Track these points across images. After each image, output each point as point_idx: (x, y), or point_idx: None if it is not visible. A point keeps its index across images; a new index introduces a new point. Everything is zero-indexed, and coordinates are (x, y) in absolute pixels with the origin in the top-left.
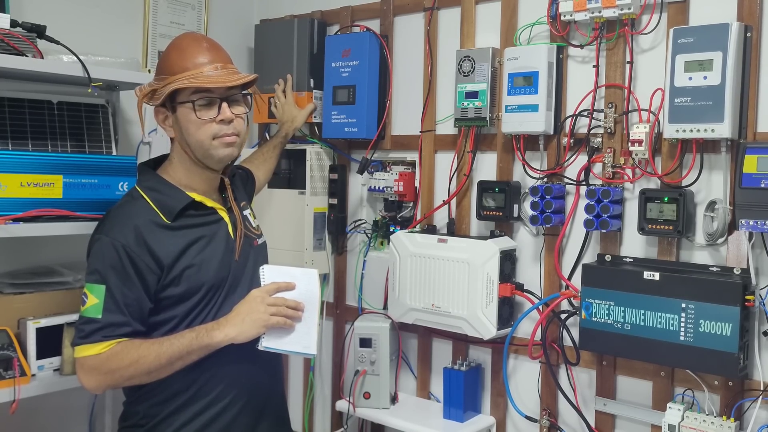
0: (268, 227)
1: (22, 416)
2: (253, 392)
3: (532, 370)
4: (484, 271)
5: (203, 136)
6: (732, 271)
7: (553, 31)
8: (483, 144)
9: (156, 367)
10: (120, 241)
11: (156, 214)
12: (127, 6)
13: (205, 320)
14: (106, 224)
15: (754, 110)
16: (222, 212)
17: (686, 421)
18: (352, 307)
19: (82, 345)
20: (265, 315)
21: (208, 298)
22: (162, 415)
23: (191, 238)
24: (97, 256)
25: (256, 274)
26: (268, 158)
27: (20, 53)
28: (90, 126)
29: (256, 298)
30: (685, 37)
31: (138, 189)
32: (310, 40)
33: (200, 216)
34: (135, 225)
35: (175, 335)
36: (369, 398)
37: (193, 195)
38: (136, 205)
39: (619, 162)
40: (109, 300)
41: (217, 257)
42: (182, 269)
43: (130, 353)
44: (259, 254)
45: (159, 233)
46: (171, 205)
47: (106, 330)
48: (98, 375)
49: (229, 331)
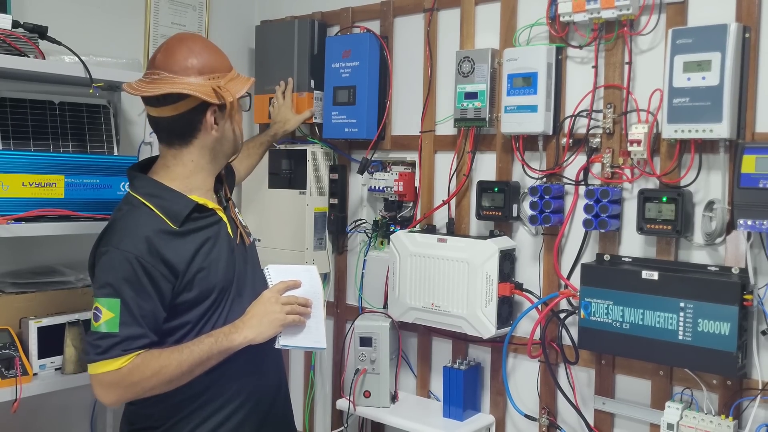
0: (268, 227)
1: (23, 415)
2: (261, 394)
3: (531, 369)
4: (483, 271)
5: (241, 130)
6: (730, 271)
7: (552, 32)
8: (482, 144)
9: (178, 375)
10: (132, 252)
11: (162, 221)
12: (129, 7)
13: (216, 323)
14: (113, 237)
15: (752, 110)
16: (220, 212)
17: (685, 420)
18: (352, 307)
19: (100, 361)
20: (281, 315)
21: (219, 300)
22: (175, 418)
23: (199, 241)
24: (108, 270)
25: (255, 272)
26: (252, 153)
27: (22, 54)
28: (91, 126)
29: (270, 299)
30: (683, 38)
31: (135, 195)
32: (310, 41)
33: (203, 218)
34: (146, 235)
35: (193, 342)
36: (369, 397)
37: (194, 198)
38: (141, 214)
39: (617, 162)
40: (125, 313)
41: (223, 258)
42: (194, 273)
43: (151, 364)
44: (253, 252)
45: (169, 240)
46: (176, 210)
47: (125, 343)
48: (118, 389)
49: (248, 333)
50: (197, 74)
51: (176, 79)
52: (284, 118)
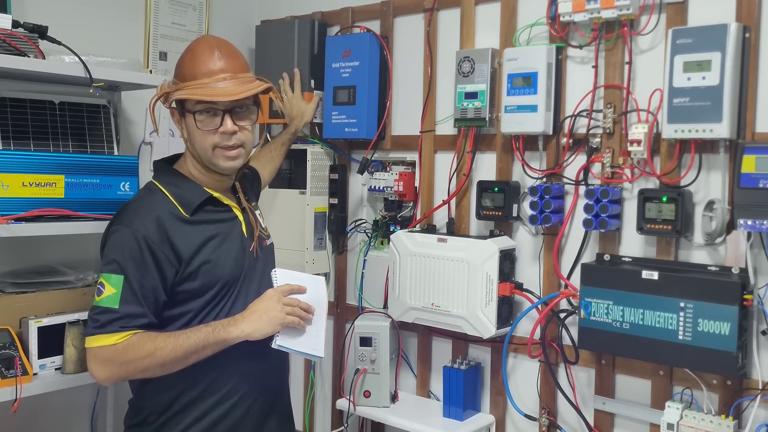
0: (268, 227)
1: (23, 415)
2: (262, 390)
3: (531, 368)
4: (483, 271)
5: (206, 144)
6: (730, 271)
7: (552, 32)
8: (482, 144)
9: (171, 359)
10: (141, 231)
11: (175, 207)
12: (129, 6)
13: (218, 316)
14: (125, 216)
15: (752, 110)
16: (237, 211)
17: (685, 419)
18: (352, 306)
19: (97, 335)
20: (281, 314)
21: (222, 294)
22: (170, 412)
23: (208, 233)
24: (116, 247)
25: (265, 273)
26: (275, 156)
27: (22, 54)
28: (91, 126)
29: (272, 297)
30: (683, 38)
31: (155, 182)
32: (310, 40)
33: (217, 212)
34: (157, 216)
35: (191, 329)
36: (369, 397)
37: (210, 191)
38: (156, 198)
39: (617, 162)
40: (127, 290)
41: (232, 255)
42: (199, 264)
43: (146, 345)
44: (269, 254)
45: (179, 226)
46: (190, 199)
47: (123, 321)
48: (112, 366)
49: (245, 328)
50: (174, 76)
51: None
52: (300, 110)
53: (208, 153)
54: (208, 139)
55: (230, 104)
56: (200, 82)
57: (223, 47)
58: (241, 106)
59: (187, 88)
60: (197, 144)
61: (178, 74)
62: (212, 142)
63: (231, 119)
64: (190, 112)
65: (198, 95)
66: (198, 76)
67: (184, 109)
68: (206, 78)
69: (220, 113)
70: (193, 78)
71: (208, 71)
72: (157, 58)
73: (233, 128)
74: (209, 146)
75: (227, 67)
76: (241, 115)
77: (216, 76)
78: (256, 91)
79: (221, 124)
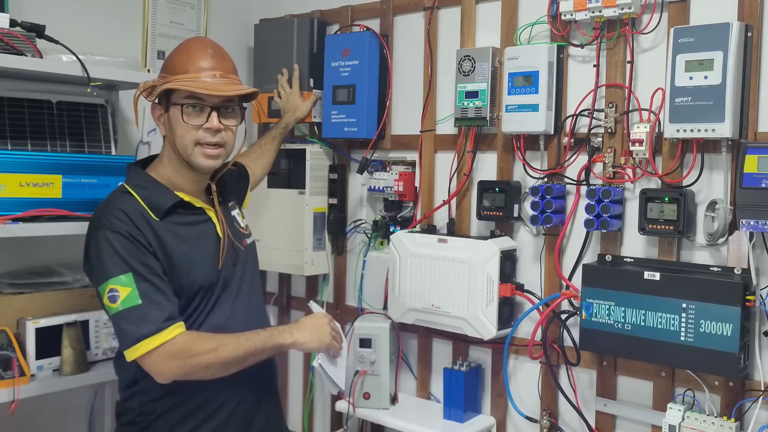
0: (268, 227)
1: (21, 416)
2: (248, 390)
3: (532, 370)
4: (484, 271)
5: (187, 140)
6: (733, 271)
7: (553, 31)
8: (483, 144)
9: (233, 358)
10: (122, 227)
11: (144, 210)
12: (127, 5)
13: (198, 319)
14: (99, 220)
15: (754, 110)
16: (210, 212)
17: (687, 421)
18: (351, 308)
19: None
20: (329, 336)
21: (200, 297)
22: (157, 412)
23: (179, 237)
24: (106, 251)
25: (246, 273)
26: (265, 151)
27: (19, 53)
28: (89, 126)
29: (323, 318)
30: (685, 37)
31: (125, 185)
32: (309, 39)
33: (189, 215)
34: (127, 214)
35: (250, 332)
36: (369, 399)
37: (181, 195)
38: (125, 199)
39: (619, 162)
40: (141, 282)
41: (207, 257)
42: (171, 270)
43: (208, 340)
44: (249, 254)
45: (148, 229)
46: (160, 202)
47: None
48: (178, 360)
49: (299, 337)
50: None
51: None
52: (294, 105)
53: (188, 149)
54: (190, 134)
55: (219, 101)
56: (191, 76)
57: (215, 47)
58: (227, 106)
59: (178, 80)
60: (178, 139)
61: (168, 68)
62: (195, 137)
63: (218, 117)
64: (177, 104)
65: (190, 87)
66: (190, 70)
67: (169, 102)
68: (196, 73)
69: (208, 109)
70: (184, 72)
71: (200, 66)
72: (155, 57)
73: (219, 125)
74: (190, 142)
75: (218, 66)
76: (228, 114)
77: (207, 72)
78: (245, 91)
79: (207, 120)
